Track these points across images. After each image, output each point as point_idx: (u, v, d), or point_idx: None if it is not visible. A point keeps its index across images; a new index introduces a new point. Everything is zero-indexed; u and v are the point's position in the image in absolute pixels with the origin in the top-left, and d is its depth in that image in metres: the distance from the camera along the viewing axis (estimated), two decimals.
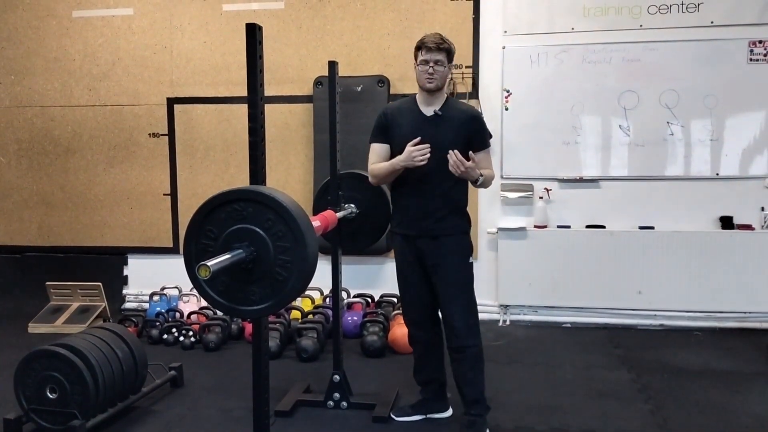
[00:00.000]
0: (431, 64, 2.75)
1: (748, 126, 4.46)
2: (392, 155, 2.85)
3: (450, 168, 2.65)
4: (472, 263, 2.90)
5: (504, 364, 3.85)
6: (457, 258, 2.85)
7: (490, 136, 2.94)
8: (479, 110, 2.86)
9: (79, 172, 5.19)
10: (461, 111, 2.87)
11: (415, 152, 2.70)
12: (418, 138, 2.73)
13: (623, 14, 4.50)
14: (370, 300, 4.67)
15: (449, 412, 3.10)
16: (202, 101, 4.98)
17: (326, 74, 3.14)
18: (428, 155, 2.69)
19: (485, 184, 2.82)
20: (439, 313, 2.96)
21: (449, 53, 2.80)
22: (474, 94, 4.63)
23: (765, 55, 4.39)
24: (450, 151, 2.64)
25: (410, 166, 2.73)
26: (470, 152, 2.68)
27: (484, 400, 2.90)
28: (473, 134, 2.82)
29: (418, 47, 2.80)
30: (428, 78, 2.77)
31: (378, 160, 2.90)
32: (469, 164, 2.65)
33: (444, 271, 2.84)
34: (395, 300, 4.62)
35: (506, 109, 4.64)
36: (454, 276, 2.85)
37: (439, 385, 3.09)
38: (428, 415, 3.08)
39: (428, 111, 2.84)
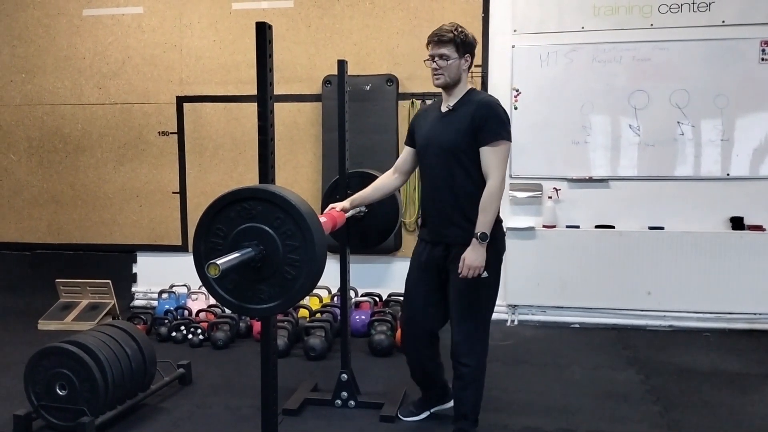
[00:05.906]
0: (435, 59, 2.60)
1: (759, 126, 4.42)
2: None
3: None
4: (487, 278, 2.59)
5: (512, 364, 3.84)
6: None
7: (505, 130, 2.56)
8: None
9: (88, 170, 5.21)
10: (473, 102, 2.60)
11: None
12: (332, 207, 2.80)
13: (634, 13, 4.48)
14: (378, 299, 4.68)
15: (452, 402, 3.04)
16: (212, 100, 4.99)
17: (335, 73, 3.14)
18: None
19: (491, 211, 2.52)
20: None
21: (457, 44, 2.57)
22: None
23: None
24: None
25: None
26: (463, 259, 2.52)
27: (473, 418, 2.74)
28: (477, 126, 2.54)
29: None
30: (433, 74, 2.62)
31: (400, 163, 2.89)
32: (466, 274, 2.53)
33: (453, 284, 2.69)
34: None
35: (515, 108, 4.63)
36: (460, 291, 2.66)
37: (441, 385, 3.03)
38: (433, 410, 3.06)
39: (445, 108, 2.70)
